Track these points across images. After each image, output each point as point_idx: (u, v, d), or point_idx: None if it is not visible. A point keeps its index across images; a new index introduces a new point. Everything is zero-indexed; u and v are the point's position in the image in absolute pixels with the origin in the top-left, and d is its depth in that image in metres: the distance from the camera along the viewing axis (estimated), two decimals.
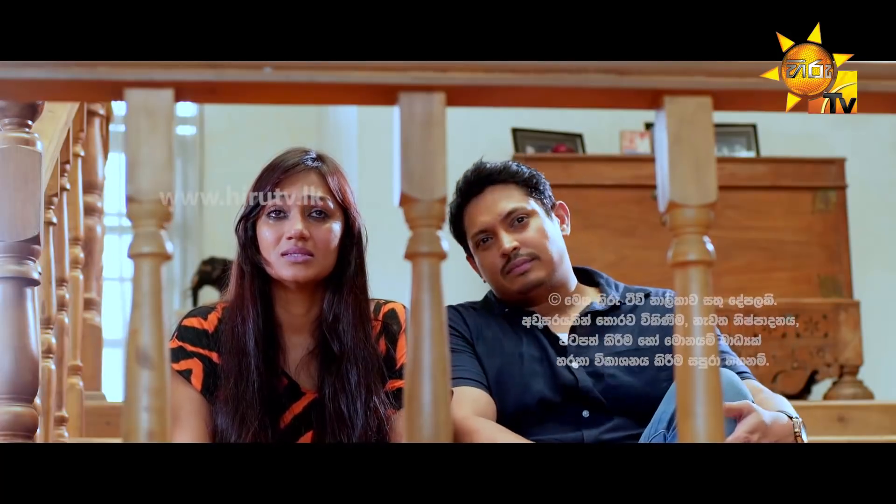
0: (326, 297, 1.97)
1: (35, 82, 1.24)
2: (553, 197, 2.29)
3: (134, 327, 1.17)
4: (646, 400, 2.09)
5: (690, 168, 1.24)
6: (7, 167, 1.74)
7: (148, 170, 1.20)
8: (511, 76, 1.25)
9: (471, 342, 2.19)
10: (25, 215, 1.73)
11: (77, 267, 2.69)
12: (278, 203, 1.94)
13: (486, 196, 2.23)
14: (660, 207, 1.26)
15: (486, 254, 2.23)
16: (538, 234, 2.21)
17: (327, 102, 1.34)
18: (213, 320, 1.99)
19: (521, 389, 2.13)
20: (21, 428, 1.75)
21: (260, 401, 1.90)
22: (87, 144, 2.98)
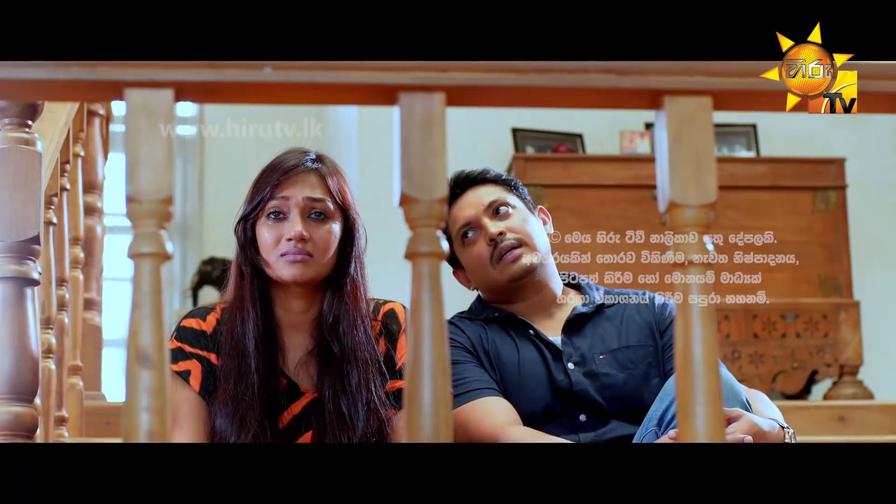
0: (326, 298, 1.97)
1: (35, 82, 1.24)
2: (532, 202, 2.30)
3: (134, 327, 1.17)
4: (639, 397, 2.10)
5: (690, 168, 1.24)
6: (7, 167, 1.74)
7: (148, 170, 1.20)
8: (511, 76, 1.25)
9: (475, 354, 2.18)
10: (25, 215, 1.73)
11: (77, 267, 2.69)
12: (278, 204, 1.94)
13: (466, 195, 2.23)
14: (660, 207, 1.26)
15: (473, 248, 2.22)
16: (522, 223, 2.21)
17: (327, 102, 1.34)
18: (211, 321, 1.99)
19: (526, 396, 2.13)
20: (21, 428, 1.75)
21: (259, 401, 1.90)
22: (87, 144, 2.98)
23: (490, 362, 2.17)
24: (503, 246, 2.18)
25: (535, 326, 2.21)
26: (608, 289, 2.30)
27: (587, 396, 2.12)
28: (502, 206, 2.21)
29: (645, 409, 2.03)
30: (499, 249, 2.18)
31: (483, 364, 2.17)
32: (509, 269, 2.19)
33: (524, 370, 2.16)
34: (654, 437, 1.94)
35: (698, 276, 1.22)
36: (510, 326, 2.21)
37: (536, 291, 2.22)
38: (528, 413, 2.11)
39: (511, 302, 2.24)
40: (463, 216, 2.21)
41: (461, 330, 2.20)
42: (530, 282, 2.21)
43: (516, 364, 2.16)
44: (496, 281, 2.21)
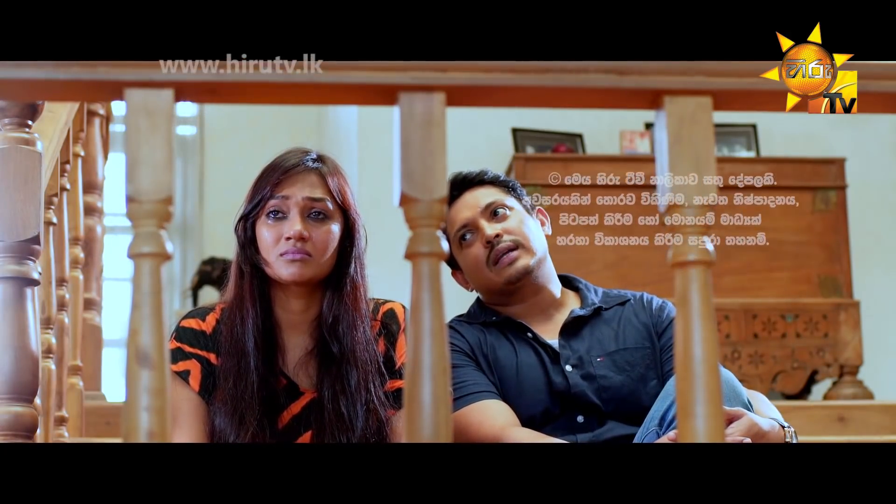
0: (326, 298, 1.97)
1: (35, 82, 1.24)
2: (531, 201, 2.29)
3: (134, 327, 1.17)
4: (637, 399, 2.11)
5: (690, 168, 1.24)
6: (7, 167, 1.74)
7: (148, 170, 1.20)
8: (511, 76, 1.25)
9: (474, 358, 2.18)
10: (25, 215, 1.73)
11: (77, 267, 2.69)
12: (277, 203, 1.94)
13: (464, 197, 2.23)
14: (660, 207, 1.26)
15: (470, 249, 2.21)
16: (519, 224, 2.21)
17: (327, 102, 1.34)
18: (211, 321, 1.99)
19: (525, 400, 2.13)
20: (21, 428, 1.75)
21: (258, 401, 1.90)
22: (87, 144, 2.98)
23: (489, 366, 2.17)
24: (500, 248, 2.18)
25: (533, 329, 2.20)
26: (606, 290, 2.30)
27: (585, 398, 2.12)
28: (499, 208, 2.21)
29: (643, 411, 2.03)
30: (495, 251, 2.18)
31: (482, 368, 2.16)
32: (506, 272, 2.18)
33: (522, 374, 2.15)
34: (654, 437, 1.94)
35: (698, 276, 1.22)
36: (508, 330, 2.21)
37: (534, 293, 2.22)
38: (527, 417, 2.11)
39: (509, 304, 2.24)
40: (460, 218, 2.21)
41: (460, 334, 2.20)
42: (528, 284, 2.20)
43: (514, 368, 2.16)
44: (493, 283, 2.21)
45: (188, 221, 6.51)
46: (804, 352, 4.36)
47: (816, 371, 4.37)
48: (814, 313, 4.39)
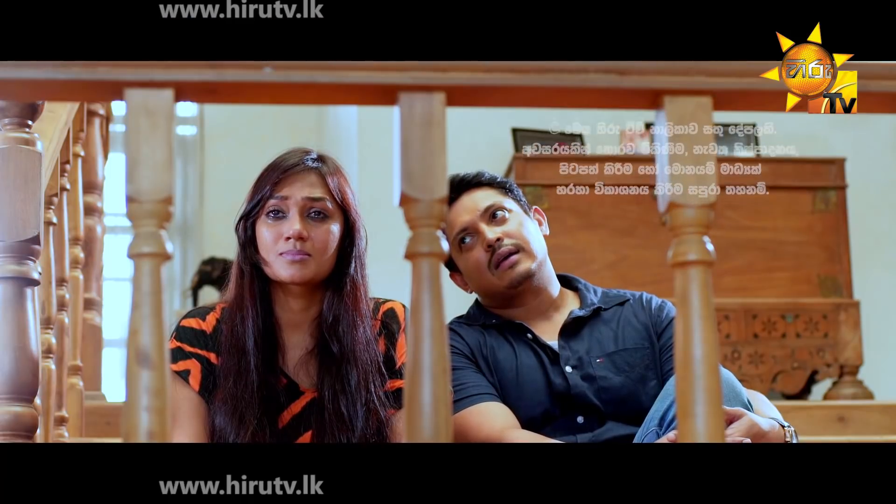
0: (326, 298, 1.97)
1: (35, 82, 1.24)
2: (528, 202, 2.29)
3: (134, 327, 1.17)
4: (636, 400, 2.11)
5: (690, 168, 1.24)
6: (7, 167, 1.74)
7: (148, 170, 1.20)
8: (511, 76, 1.25)
9: (474, 360, 2.18)
10: (25, 215, 1.73)
11: (77, 267, 2.69)
12: (277, 203, 1.94)
13: (462, 200, 2.22)
14: (660, 207, 1.26)
15: (470, 253, 2.21)
16: (519, 227, 2.21)
17: (327, 102, 1.35)
18: (211, 321, 1.99)
19: (525, 402, 2.13)
20: (21, 428, 1.75)
21: (258, 400, 1.91)
22: (87, 144, 2.98)
23: (488, 368, 2.17)
24: (501, 252, 2.18)
25: (533, 330, 2.20)
26: (605, 290, 2.30)
27: (585, 399, 2.12)
28: (499, 211, 2.21)
29: (642, 412, 2.03)
30: (496, 255, 2.18)
31: (481, 370, 2.16)
32: (508, 276, 2.18)
33: (522, 376, 2.15)
34: (654, 437, 1.94)
35: (698, 276, 1.22)
36: (508, 331, 2.21)
37: (535, 296, 2.22)
38: (527, 418, 2.11)
39: (509, 307, 2.24)
40: (460, 221, 2.21)
41: (459, 336, 2.20)
42: (529, 287, 2.20)
43: (514, 370, 2.16)
44: (495, 286, 2.21)
45: (188, 221, 6.51)
46: (804, 352, 4.36)
47: (816, 371, 4.37)
48: (814, 313, 4.39)
